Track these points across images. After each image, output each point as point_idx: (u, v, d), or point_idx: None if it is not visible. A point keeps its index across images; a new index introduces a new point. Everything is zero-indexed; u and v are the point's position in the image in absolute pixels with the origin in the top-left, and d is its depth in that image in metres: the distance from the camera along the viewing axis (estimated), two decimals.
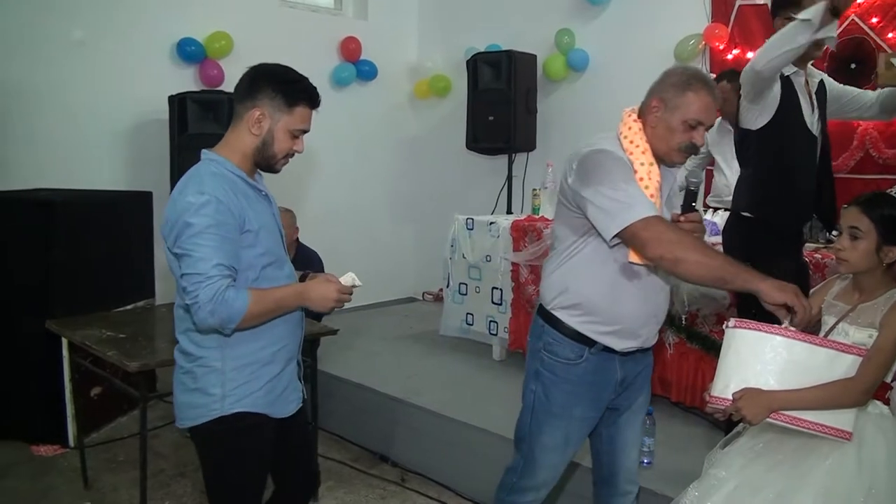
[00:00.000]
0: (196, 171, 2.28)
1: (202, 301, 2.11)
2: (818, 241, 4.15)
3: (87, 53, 5.58)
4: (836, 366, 2.22)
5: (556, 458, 2.62)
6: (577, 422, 2.57)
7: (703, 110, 2.37)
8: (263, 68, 2.36)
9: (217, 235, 2.15)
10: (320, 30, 6.96)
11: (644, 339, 2.55)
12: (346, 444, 4.68)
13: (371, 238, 7.27)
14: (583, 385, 2.52)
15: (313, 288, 2.33)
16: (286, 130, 2.32)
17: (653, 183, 2.40)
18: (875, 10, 4.96)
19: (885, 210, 2.33)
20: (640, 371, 2.64)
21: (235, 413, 2.31)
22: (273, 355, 2.38)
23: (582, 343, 2.50)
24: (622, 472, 2.71)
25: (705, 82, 2.40)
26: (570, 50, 6.42)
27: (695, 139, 2.40)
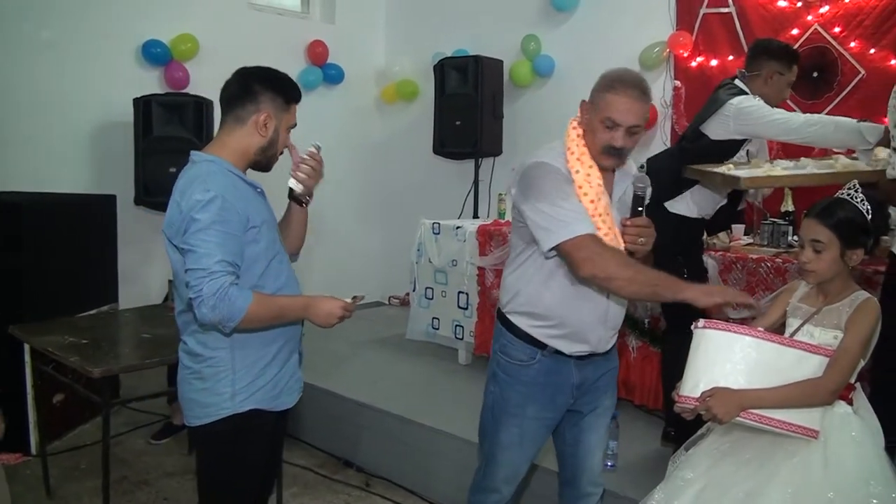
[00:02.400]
0: (199, 171, 2.30)
1: (205, 296, 2.14)
2: (779, 245, 4.21)
3: (53, 55, 5.51)
4: (804, 366, 2.26)
5: (513, 456, 2.66)
6: (532, 421, 2.61)
7: (619, 111, 2.37)
8: (255, 71, 2.43)
9: (221, 232, 2.19)
10: (287, 33, 6.94)
11: (595, 345, 2.57)
12: (310, 449, 4.65)
13: (337, 242, 7.24)
14: (535, 386, 2.58)
15: (320, 303, 2.39)
16: (285, 128, 2.44)
17: (593, 189, 2.42)
18: (838, 20, 5.04)
19: (841, 215, 2.36)
20: (601, 375, 2.66)
21: (248, 411, 2.36)
22: (278, 351, 2.44)
23: (534, 346, 2.56)
24: (585, 474, 2.74)
25: (628, 84, 2.39)
26: (537, 56, 6.46)
27: (614, 141, 2.40)
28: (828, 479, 2.22)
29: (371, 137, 7.70)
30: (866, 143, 3.25)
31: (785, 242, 4.23)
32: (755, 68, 3.68)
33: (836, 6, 5.04)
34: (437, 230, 5.44)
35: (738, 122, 3.50)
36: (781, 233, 4.28)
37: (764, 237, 4.31)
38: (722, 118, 3.54)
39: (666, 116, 5.78)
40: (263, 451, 2.49)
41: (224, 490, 2.47)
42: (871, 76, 4.90)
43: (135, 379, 4.73)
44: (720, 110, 3.54)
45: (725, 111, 3.53)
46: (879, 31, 4.88)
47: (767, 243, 4.27)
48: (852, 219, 2.35)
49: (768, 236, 4.30)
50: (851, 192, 2.40)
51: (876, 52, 4.89)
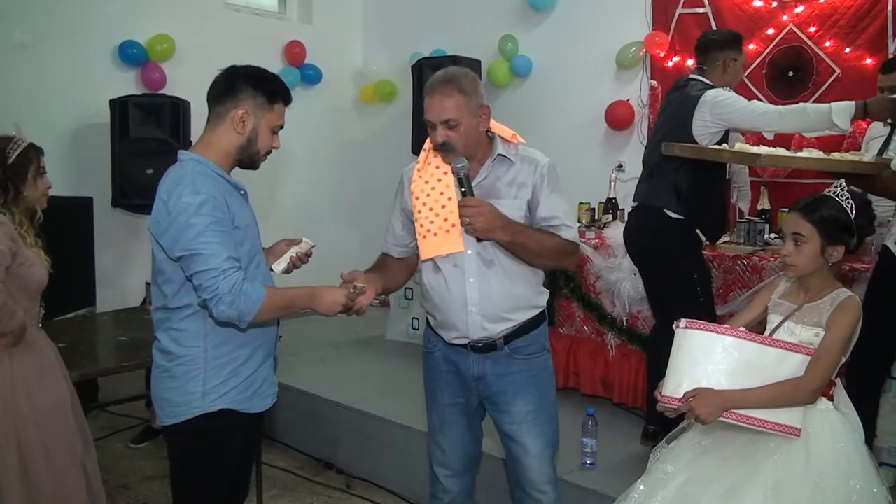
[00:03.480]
0: (184, 171, 2.29)
1: (222, 293, 2.15)
2: (756, 243, 4.24)
3: (27, 56, 5.46)
4: (785, 365, 2.28)
5: (441, 440, 2.80)
6: (446, 408, 2.77)
7: (428, 112, 2.56)
8: (239, 70, 2.43)
9: (220, 231, 2.21)
10: (264, 33, 6.91)
11: (465, 330, 2.62)
12: (290, 451, 4.64)
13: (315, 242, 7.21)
14: (440, 373, 2.76)
15: (325, 292, 2.42)
16: (268, 128, 2.41)
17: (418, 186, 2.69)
18: (813, 20, 5.10)
19: (825, 212, 2.38)
20: (506, 375, 2.65)
21: (218, 410, 2.36)
22: (252, 353, 2.44)
23: (436, 335, 2.74)
24: (525, 481, 2.72)
25: (432, 85, 2.56)
26: (514, 56, 6.48)
27: (435, 138, 2.57)
28: (809, 475, 2.24)
29: (349, 138, 7.68)
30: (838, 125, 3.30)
31: (761, 240, 4.26)
32: (711, 61, 3.74)
33: (811, 6, 5.09)
34: None
35: (715, 115, 3.52)
36: (758, 231, 4.31)
37: (740, 235, 4.34)
38: (699, 114, 3.55)
39: (643, 116, 5.82)
40: (235, 452, 2.48)
41: (196, 490, 2.47)
42: (847, 75, 4.96)
43: (113, 382, 4.70)
44: (696, 107, 3.56)
45: (701, 107, 3.55)
46: (854, 30, 4.93)
47: (744, 241, 4.29)
48: (835, 216, 2.37)
49: (745, 234, 4.32)
50: (837, 189, 2.42)
51: (851, 52, 4.95)
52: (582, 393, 4.51)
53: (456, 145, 2.53)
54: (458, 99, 2.52)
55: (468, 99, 2.53)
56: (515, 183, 2.61)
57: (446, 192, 2.61)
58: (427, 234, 2.62)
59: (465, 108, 2.52)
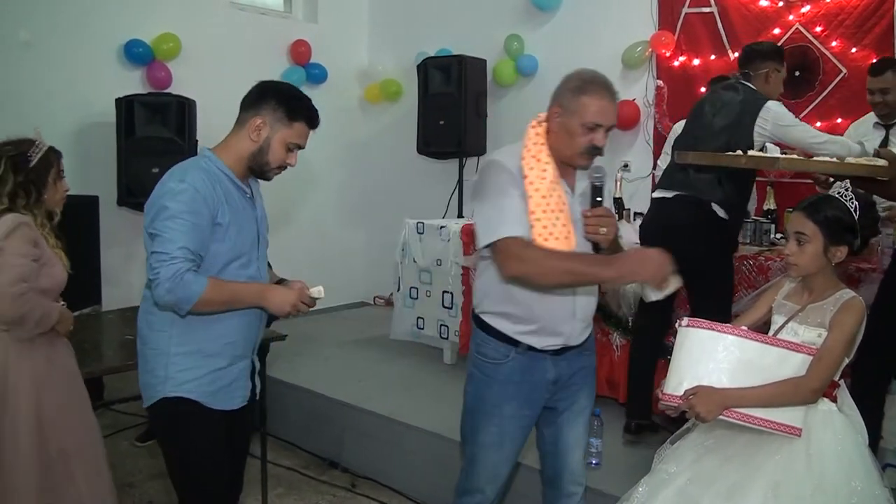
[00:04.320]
0: (186, 163, 2.43)
1: (162, 278, 2.23)
2: (762, 243, 4.23)
3: (33, 55, 5.47)
4: (787, 364, 2.28)
5: (494, 456, 2.67)
6: (510, 420, 2.63)
7: (598, 113, 2.43)
8: (272, 83, 2.53)
9: (188, 222, 2.28)
10: (269, 32, 6.91)
11: (567, 337, 2.58)
12: (295, 450, 4.65)
13: (321, 242, 7.24)
14: (511, 384, 2.59)
15: (274, 290, 2.45)
16: (283, 142, 2.47)
17: (545, 184, 2.46)
18: (819, 20, 5.09)
19: (828, 212, 2.38)
20: (576, 371, 2.67)
21: (177, 398, 2.42)
22: (221, 348, 2.47)
23: (507, 343, 2.58)
24: (566, 473, 2.74)
25: (601, 85, 2.47)
26: (520, 55, 6.47)
27: (595, 141, 2.45)
28: (810, 475, 2.24)
29: (355, 137, 7.68)
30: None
31: (767, 240, 4.26)
32: (755, 69, 3.80)
33: (817, 6, 5.08)
34: (422, 230, 5.44)
35: (776, 126, 3.61)
36: (764, 231, 4.31)
37: (746, 235, 4.33)
38: (761, 120, 3.62)
39: (648, 116, 5.81)
40: (204, 444, 2.50)
41: (182, 471, 2.55)
42: (853, 75, 4.94)
43: (119, 381, 4.70)
44: (760, 112, 3.62)
45: (764, 114, 3.61)
46: (861, 30, 4.92)
47: (750, 241, 4.29)
48: (839, 216, 2.38)
49: (751, 234, 4.32)
50: (842, 190, 2.42)
51: (857, 52, 4.94)
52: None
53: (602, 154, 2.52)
54: (617, 105, 2.52)
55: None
56: (610, 195, 2.62)
57: (562, 196, 2.49)
58: (549, 237, 2.44)
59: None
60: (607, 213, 2.46)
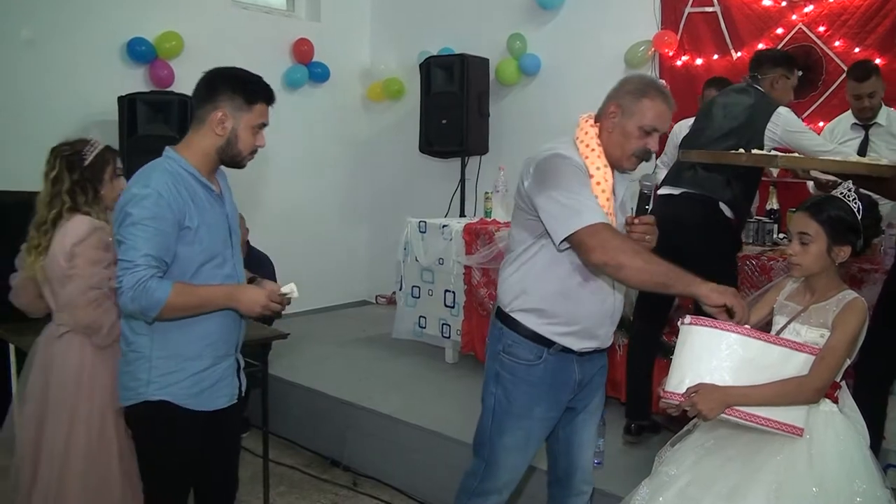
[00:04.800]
0: (150, 165, 2.39)
1: (125, 286, 2.23)
2: (764, 243, 4.23)
3: (35, 52, 5.47)
4: (790, 364, 2.27)
5: (517, 459, 2.65)
6: (538, 422, 2.61)
7: (657, 117, 2.43)
8: (219, 72, 2.45)
9: (152, 228, 2.26)
10: (272, 31, 6.91)
11: (602, 340, 2.59)
12: (297, 448, 4.65)
13: (323, 241, 7.23)
14: (542, 386, 2.56)
15: (244, 291, 2.42)
16: (248, 128, 2.43)
17: (608, 186, 2.45)
18: (822, 20, 5.08)
19: (832, 212, 2.38)
20: (595, 372, 2.67)
21: (158, 401, 2.41)
22: (201, 350, 2.46)
23: (541, 344, 2.53)
24: (578, 472, 2.75)
25: (661, 91, 2.47)
26: (522, 54, 6.46)
27: (649, 145, 2.45)
28: (811, 477, 2.23)
29: (357, 136, 7.68)
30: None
31: (770, 240, 4.25)
32: (763, 73, 3.84)
33: (820, 5, 5.07)
34: (424, 229, 5.44)
35: (786, 132, 3.67)
36: (766, 231, 4.30)
37: (749, 235, 4.32)
38: (772, 124, 3.67)
39: None
40: (183, 443, 2.50)
41: (151, 473, 2.55)
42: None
43: None
44: (771, 117, 3.68)
45: (776, 119, 3.67)
46: (864, 30, 4.92)
47: (752, 241, 4.28)
48: (842, 216, 2.37)
49: (753, 234, 4.31)
50: (844, 191, 2.42)
51: (860, 52, 4.93)
52: None
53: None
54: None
55: None
56: (626, 199, 2.62)
57: (612, 199, 2.47)
58: None
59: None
60: (652, 222, 2.44)
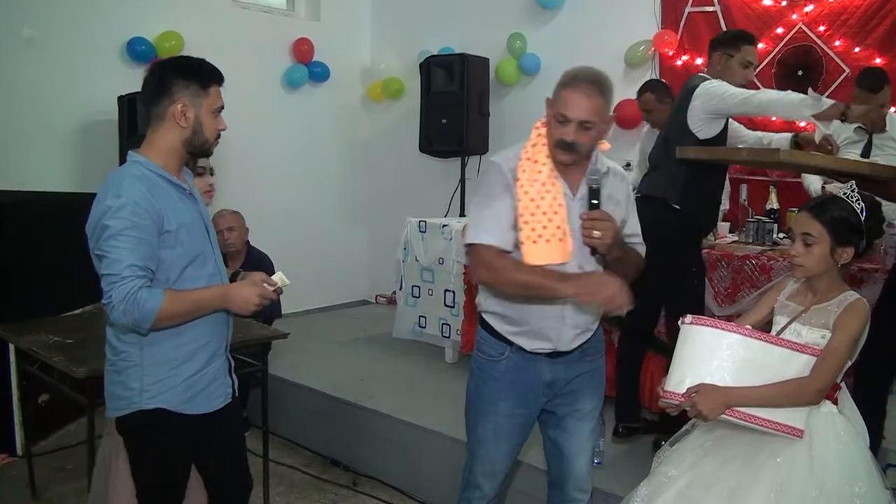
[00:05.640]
0: (118, 173, 2.34)
1: (115, 301, 2.18)
2: (764, 243, 4.23)
3: (35, 52, 5.46)
4: (791, 365, 2.26)
5: (490, 451, 2.70)
6: (505, 418, 2.65)
7: (569, 106, 2.40)
8: (165, 64, 2.44)
9: (133, 237, 2.21)
10: (272, 30, 6.90)
11: (556, 342, 2.57)
12: (297, 448, 4.65)
13: (323, 241, 7.23)
14: (505, 382, 2.62)
15: (235, 290, 2.39)
16: (209, 112, 2.40)
17: (534, 188, 2.45)
18: (822, 19, 5.08)
19: (835, 212, 2.36)
20: (576, 376, 2.64)
21: (153, 409, 2.37)
22: (192, 353, 2.43)
23: (502, 342, 2.61)
24: (570, 478, 2.73)
25: (581, 80, 2.43)
26: (522, 54, 6.46)
27: (564, 135, 2.41)
28: (812, 479, 2.22)
29: (357, 135, 7.68)
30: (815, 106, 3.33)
31: (770, 240, 4.25)
32: (710, 60, 3.87)
33: (820, 5, 5.07)
34: (424, 228, 5.44)
35: (703, 103, 3.63)
36: (766, 230, 4.30)
37: (749, 235, 4.33)
38: (693, 105, 3.66)
39: None
40: (182, 452, 2.49)
41: (146, 483, 2.50)
42: (856, 74, 4.93)
43: None
44: (691, 99, 3.66)
45: (694, 99, 3.65)
46: (864, 29, 4.92)
47: (752, 241, 4.28)
48: (846, 217, 2.36)
49: (753, 234, 4.31)
50: (848, 191, 2.40)
51: (860, 51, 4.93)
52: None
53: (581, 149, 2.44)
54: (600, 102, 2.42)
55: (607, 105, 2.45)
56: (613, 198, 2.56)
57: (558, 198, 2.45)
58: (539, 239, 2.43)
59: (602, 112, 2.43)
60: (603, 217, 2.39)
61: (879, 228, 2.49)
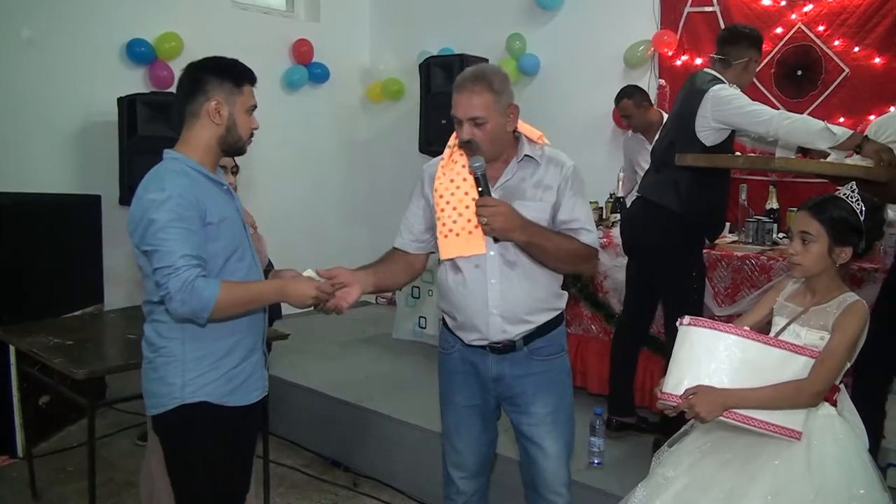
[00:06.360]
0: (158, 169, 2.35)
1: (172, 291, 2.18)
2: (764, 243, 4.22)
3: (35, 53, 5.47)
4: (789, 366, 2.25)
5: (454, 441, 2.77)
6: (463, 409, 2.73)
7: (456, 108, 2.57)
8: (200, 64, 2.47)
9: (181, 228, 2.22)
10: (272, 32, 6.92)
11: (486, 332, 2.58)
12: (297, 449, 4.65)
13: (323, 241, 7.23)
14: (457, 374, 2.71)
15: (293, 285, 2.42)
16: (243, 111, 2.43)
17: (443, 185, 2.63)
18: (822, 19, 5.08)
19: (834, 212, 2.36)
20: (525, 376, 2.62)
21: (197, 402, 2.38)
22: (232, 346, 2.44)
23: (453, 336, 2.70)
24: (540, 483, 2.69)
25: (462, 80, 2.58)
26: (522, 55, 6.47)
27: (461, 135, 2.55)
28: (810, 482, 2.21)
29: (357, 136, 7.69)
30: (832, 137, 3.28)
31: (770, 240, 4.25)
32: (737, 55, 3.66)
33: (819, 5, 5.08)
34: None
35: (716, 112, 3.51)
36: (766, 230, 4.29)
37: (748, 234, 4.32)
38: (702, 110, 3.55)
39: None
40: (223, 444, 2.48)
41: (187, 481, 2.49)
42: (855, 74, 4.94)
43: (121, 380, 4.70)
44: (701, 103, 3.55)
45: (705, 103, 3.54)
46: (863, 29, 4.92)
47: (752, 241, 4.28)
48: (845, 217, 2.35)
49: (753, 234, 4.31)
50: (847, 191, 2.39)
51: (860, 51, 4.93)
52: (589, 392, 4.51)
53: (481, 144, 2.50)
54: (488, 97, 2.48)
55: (497, 97, 2.50)
56: (541, 185, 2.57)
57: (471, 192, 2.53)
58: (449, 233, 2.57)
59: (493, 106, 2.49)
60: (489, 203, 2.42)
61: (879, 229, 2.48)
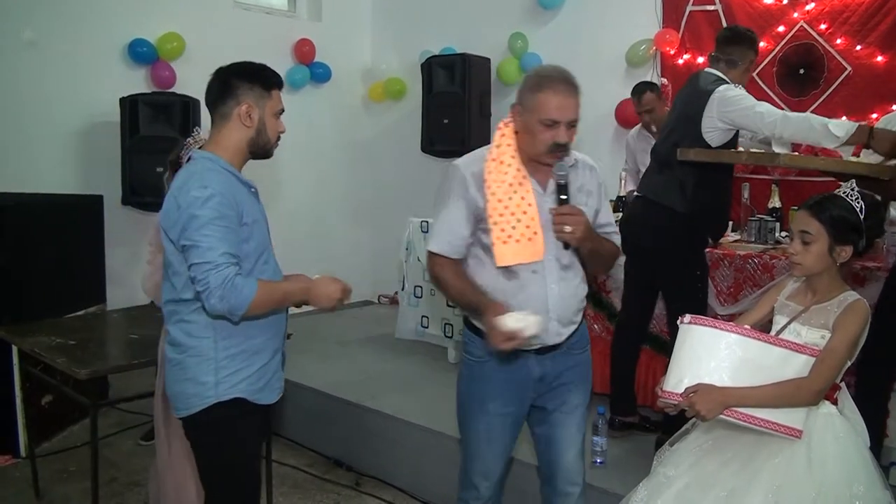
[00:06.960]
0: (196, 168, 2.37)
1: (212, 287, 2.21)
2: (766, 242, 4.22)
3: (37, 54, 5.48)
4: (789, 365, 2.25)
5: (482, 451, 2.69)
6: (495, 417, 2.64)
7: (555, 110, 2.40)
8: (230, 67, 2.48)
9: (222, 227, 2.27)
10: (274, 32, 6.92)
11: (544, 337, 2.54)
12: (300, 449, 4.65)
13: (325, 241, 7.23)
14: (492, 381, 2.62)
15: (319, 285, 2.49)
16: (272, 114, 2.47)
17: (501, 188, 2.47)
18: (824, 17, 5.08)
19: (834, 211, 2.35)
20: (564, 370, 2.65)
21: (231, 399, 2.40)
22: (263, 344, 2.48)
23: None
24: (560, 472, 2.72)
25: (556, 81, 2.43)
26: (524, 54, 6.47)
27: (558, 138, 2.42)
28: (811, 480, 2.21)
29: (359, 136, 7.69)
30: (835, 139, 3.27)
31: (772, 239, 4.25)
32: (741, 56, 3.68)
33: (821, 3, 5.08)
34: (426, 228, 5.43)
35: (721, 112, 3.51)
36: (768, 229, 4.29)
37: (751, 233, 4.32)
38: (708, 111, 3.55)
39: None
40: (252, 440, 2.53)
41: (221, 479, 2.51)
42: (857, 73, 4.94)
43: (124, 380, 4.71)
44: (707, 104, 3.55)
45: (711, 104, 3.54)
46: (865, 27, 4.91)
47: (755, 240, 4.28)
48: (845, 216, 2.34)
49: (755, 232, 4.31)
50: (847, 190, 2.39)
51: (862, 49, 4.92)
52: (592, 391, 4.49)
53: (570, 148, 2.49)
54: (578, 100, 2.45)
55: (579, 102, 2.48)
56: (584, 190, 2.58)
57: (527, 197, 2.47)
58: (508, 239, 2.46)
59: (579, 110, 2.47)
60: (573, 211, 2.42)
61: (880, 227, 2.48)
